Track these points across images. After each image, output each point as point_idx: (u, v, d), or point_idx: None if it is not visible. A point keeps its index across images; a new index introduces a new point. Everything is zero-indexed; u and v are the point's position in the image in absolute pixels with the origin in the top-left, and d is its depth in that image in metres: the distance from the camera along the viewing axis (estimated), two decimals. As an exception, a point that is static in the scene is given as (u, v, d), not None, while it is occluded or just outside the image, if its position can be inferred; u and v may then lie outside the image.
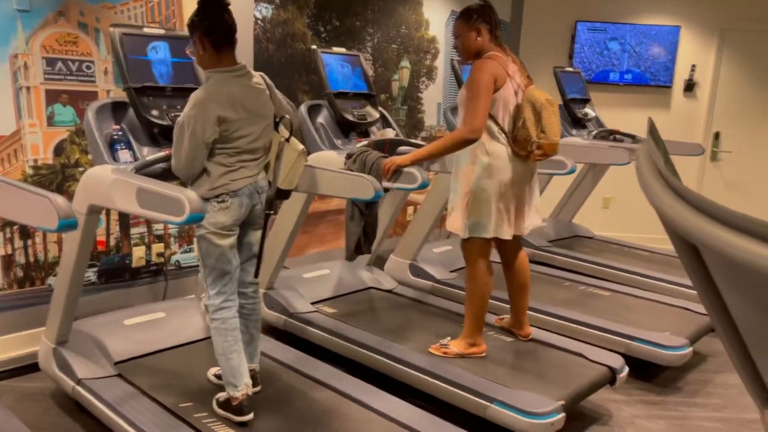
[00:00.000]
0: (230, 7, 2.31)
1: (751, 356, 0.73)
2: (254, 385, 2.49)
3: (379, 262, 4.27)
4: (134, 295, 3.61)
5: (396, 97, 4.94)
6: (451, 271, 4.26)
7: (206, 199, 2.22)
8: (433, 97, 5.26)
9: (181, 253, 3.81)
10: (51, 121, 3.16)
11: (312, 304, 3.53)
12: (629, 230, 6.02)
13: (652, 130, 0.78)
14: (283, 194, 2.47)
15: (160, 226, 3.68)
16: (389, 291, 3.91)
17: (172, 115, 2.62)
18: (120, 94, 3.33)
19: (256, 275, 2.51)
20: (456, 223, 2.90)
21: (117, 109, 2.62)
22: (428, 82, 5.19)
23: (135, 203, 2.07)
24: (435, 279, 4.13)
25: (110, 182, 2.19)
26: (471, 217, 2.85)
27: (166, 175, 2.39)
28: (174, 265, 3.78)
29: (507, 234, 2.89)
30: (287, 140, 2.37)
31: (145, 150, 2.58)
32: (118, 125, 2.58)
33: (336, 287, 3.79)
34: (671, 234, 0.68)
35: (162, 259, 3.72)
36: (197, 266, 3.87)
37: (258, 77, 2.35)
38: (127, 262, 3.57)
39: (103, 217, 3.41)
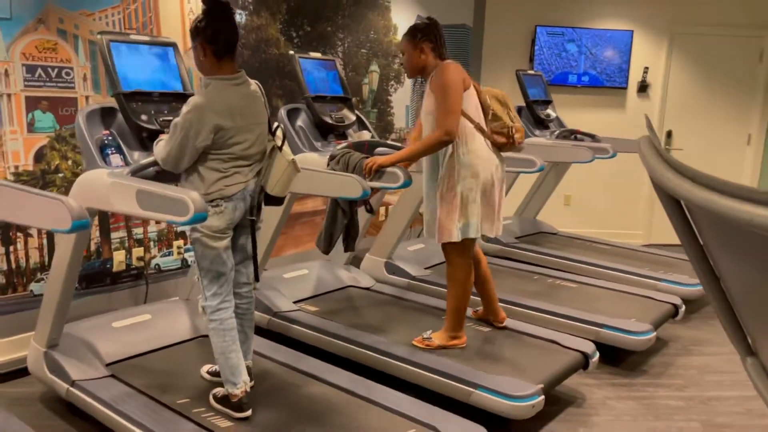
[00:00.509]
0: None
1: (734, 309, 0.88)
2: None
3: (355, 262, 4.38)
4: (116, 299, 3.63)
5: (366, 100, 5.06)
6: (426, 268, 4.40)
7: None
8: (401, 100, 5.40)
9: (161, 257, 3.85)
10: (31, 127, 3.18)
11: (294, 302, 3.62)
12: (589, 226, 6.28)
13: (649, 125, 0.93)
14: (275, 200, 2.50)
15: (140, 231, 3.71)
16: (367, 288, 4.02)
17: (161, 119, 2.68)
18: (99, 100, 3.38)
19: (257, 279, 2.57)
20: (444, 232, 2.94)
21: (106, 114, 2.67)
22: (397, 86, 5.33)
23: (135, 205, 2.14)
24: (410, 276, 4.26)
25: (108, 185, 2.24)
26: (461, 220, 2.93)
27: (160, 178, 2.45)
28: (154, 269, 3.82)
29: (492, 231, 3.02)
30: (279, 148, 2.42)
31: (136, 154, 2.63)
32: (108, 130, 2.63)
33: (316, 286, 3.89)
34: (661, 194, 0.83)
35: (142, 263, 3.75)
36: (178, 269, 3.92)
37: (254, 85, 2.42)
38: (108, 266, 3.59)
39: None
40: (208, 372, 2.75)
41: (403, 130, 5.46)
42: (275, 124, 2.47)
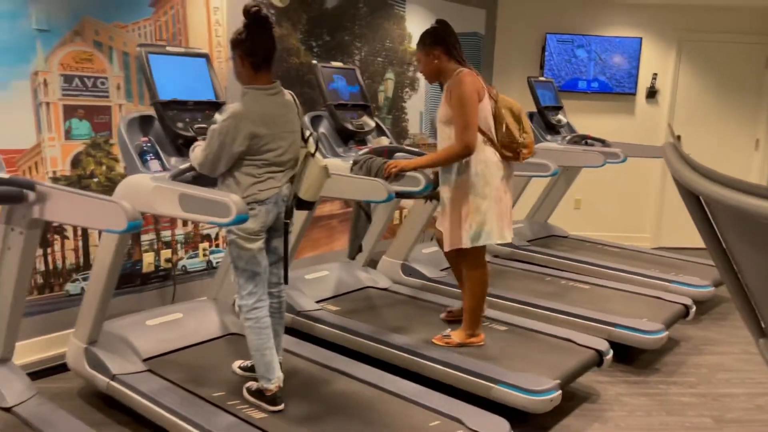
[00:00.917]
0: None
1: (747, 295, 1.01)
2: None
3: (372, 264, 4.50)
4: (145, 299, 3.77)
5: (382, 107, 5.20)
6: (441, 270, 4.53)
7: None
8: (415, 106, 5.54)
9: (187, 258, 3.99)
10: (68, 134, 3.32)
11: (317, 302, 3.75)
12: (599, 229, 6.39)
13: (672, 132, 1.06)
14: (306, 205, 2.62)
15: (168, 233, 3.85)
16: (385, 289, 4.15)
17: (195, 126, 2.82)
18: (131, 108, 3.52)
19: (285, 281, 2.68)
20: (455, 238, 3.06)
21: (144, 122, 2.81)
22: (411, 93, 5.47)
23: (178, 208, 2.27)
24: (426, 277, 4.38)
25: (151, 189, 2.38)
26: (474, 227, 3.03)
27: (197, 182, 2.58)
28: (181, 270, 3.95)
29: (508, 237, 3.14)
30: (312, 155, 2.55)
31: (173, 159, 2.77)
32: (147, 137, 2.77)
33: (336, 287, 4.02)
34: (683, 192, 0.96)
35: (170, 265, 3.89)
36: (203, 270, 4.06)
37: (288, 95, 2.55)
38: (138, 267, 3.73)
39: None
40: (239, 367, 2.87)
41: (416, 136, 5.59)
42: (307, 132, 2.61)
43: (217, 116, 2.39)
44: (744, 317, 1.06)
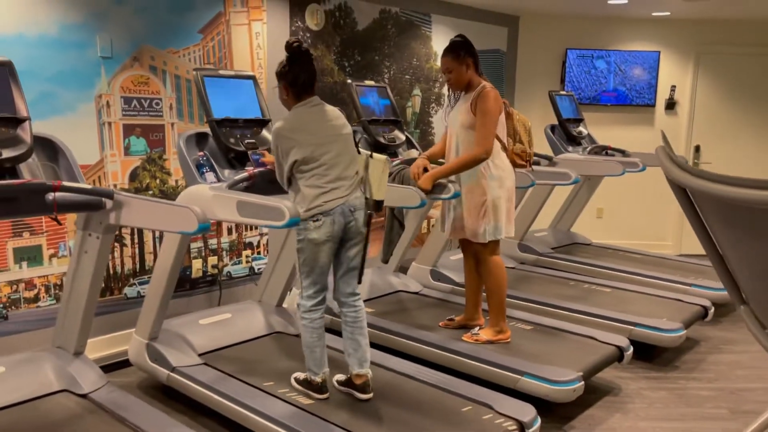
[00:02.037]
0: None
1: (728, 269, 1.25)
2: (365, 392, 2.78)
3: (402, 270, 4.75)
4: (194, 302, 4.07)
5: (410, 121, 5.48)
6: (469, 276, 4.75)
7: (305, 220, 2.59)
8: (441, 121, 5.80)
9: (232, 265, 4.28)
10: (127, 151, 3.65)
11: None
12: (620, 237, 6.57)
13: (664, 137, 1.31)
14: (378, 206, 2.81)
15: (215, 241, 4.16)
16: (416, 293, 4.40)
17: (245, 142, 3.12)
18: (182, 126, 3.84)
19: (359, 281, 2.85)
20: (473, 229, 3.38)
21: (200, 138, 3.12)
22: (437, 108, 5.74)
23: (236, 213, 2.56)
24: (455, 282, 4.62)
25: (210, 198, 2.67)
26: (491, 223, 3.36)
27: (249, 191, 2.87)
28: (226, 276, 4.25)
29: (512, 232, 3.47)
30: (371, 156, 2.78)
31: (226, 172, 3.07)
32: (202, 152, 3.08)
33: (370, 290, 4.27)
34: (674, 187, 1.21)
35: (216, 270, 4.19)
36: (246, 276, 4.35)
37: (333, 109, 2.78)
38: (188, 273, 4.03)
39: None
40: (294, 379, 2.95)
41: (406, 152, 5.83)
42: (358, 136, 2.85)
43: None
44: (727, 287, 1.30)
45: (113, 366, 3.58)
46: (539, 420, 2.69)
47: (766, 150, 6.59)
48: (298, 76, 2.65)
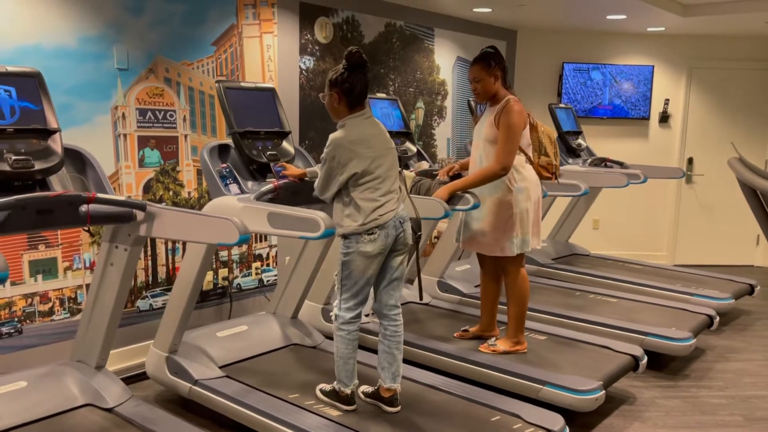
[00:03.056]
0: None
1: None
2: (393, 405, 2.79)
3: (408, 281, 4.76)
4: (205, 314, 4.04)
5: (413, 134, 5.51)
6: (475, 286, 4.78)
7: (358, 234, 2.59)
8: (443, 133, 5.86)
9: (242, 277, 4.26)
10: (142, 163, 3.63)
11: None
12: (617, 248, 6.66)
13: (735, 148, 1.36)
14: (420, 224, 2.84)
15: (225, 254, 4.13)
16: (426, 304, 4.41)
17: (267, 153, 3.13)
18: (195, 138, 3.84)
19: (420, 297, 2.85)
20: (504, 249, 3.36)
21: (222, 150, 3.12)
22: (439, 120, 5.79)
23: (267, 225, 2.56)
24: (462, 293, 4.64)
25: (240, 209, 2.67)
26: (519, 236, 3.36)
27: (274, 203, 2.87)
28: (236, 288, 4.23)
29: (538, 245, 3.46)
30: (400, 172, 2.79)
31: (249, 183, 3.07)
32: (225, 163, 3.07)
33: (381, 302, 4.28)
34: (745, 189, 1.26)
35: (226, 283, 4.17)
36: (255, 288, 4.33)
37: (380, 122, 2.78)
38: (199, 285, 4.00)
39: (179, 245, 3.86)
40: (319, 390, 2.95)
41: (444, 161, 5.90)
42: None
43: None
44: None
45: (126, 380, 3.52)
46: (567, 429, 2.71)
47: (756, 162, 6.73)
48: (354, 86, 2.61)
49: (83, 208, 2.37)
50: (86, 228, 2.42)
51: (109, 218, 2.48)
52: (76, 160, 2.63)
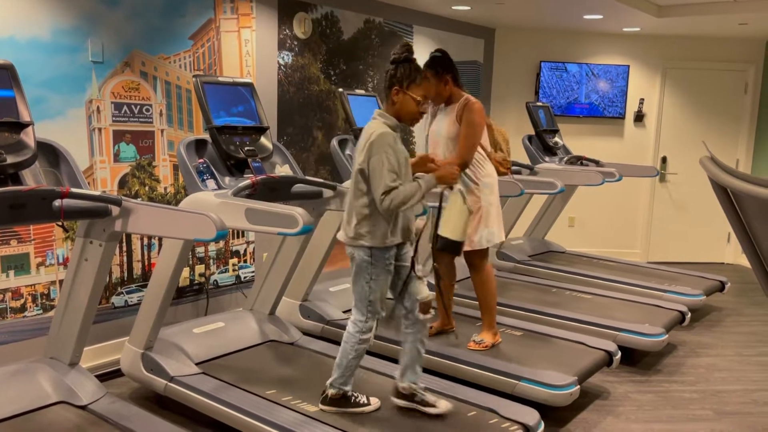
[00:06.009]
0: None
1: (764, 264, 1.32)
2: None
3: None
4: (180, 311, 4.01)
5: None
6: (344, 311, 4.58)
7: (385, 247, 2.56)
8: (421, 129, 5.85)
9: (219, 273, 4.24)
10: (117, 157, 3.59)
11: (343, 312, 4.01)
12: (591, 245, 6.74)
13: (707, 148, 1.39)
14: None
15: (202, 249, 4.10)
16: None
17: (245, 149, 3.11)
18: (171, 133, 3.80)
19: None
20: (472, 243, 3.40)
21: (199, 145, 3.09)
22: (418, 117, 5.79)
23: (244, 221, 2.55)
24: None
25: (216, 205, 2.65)
26: (486, 229, 3.44)
27: (250, 198, 2.85)
28: (213, 285, 4.20)
29: (503, 237, 3.58)
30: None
31: (226, 179, 3.05)
32: (202, 158, 3.05)
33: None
34: (717, 189, 1.28)
35: (203, 279, 4.14)
36: (232, 285, 4.31)
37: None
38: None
39: (155, 241, 3.82)
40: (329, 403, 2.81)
41: None
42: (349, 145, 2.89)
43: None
44: (761, 283, 1.37)
45: (101, 377, 3.47)
46: (543, 424, 2.75)
47: (729, 161, 6.86)
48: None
49: (57, 202, 2.34)
50: (60, 223, 2.37)
51: (83, 213, 2.44)
52: (50, 154, 2.59)
